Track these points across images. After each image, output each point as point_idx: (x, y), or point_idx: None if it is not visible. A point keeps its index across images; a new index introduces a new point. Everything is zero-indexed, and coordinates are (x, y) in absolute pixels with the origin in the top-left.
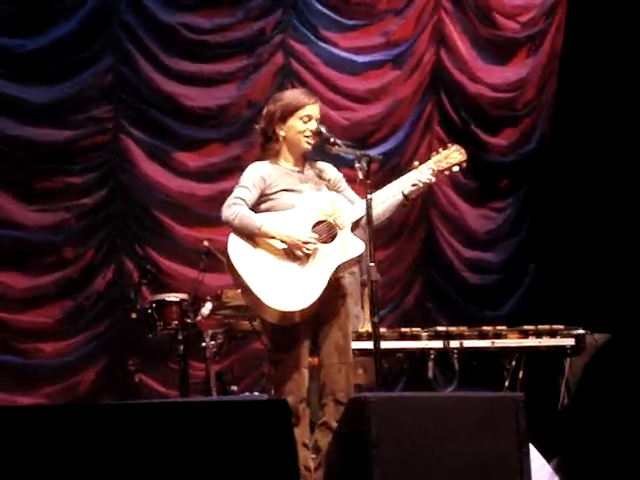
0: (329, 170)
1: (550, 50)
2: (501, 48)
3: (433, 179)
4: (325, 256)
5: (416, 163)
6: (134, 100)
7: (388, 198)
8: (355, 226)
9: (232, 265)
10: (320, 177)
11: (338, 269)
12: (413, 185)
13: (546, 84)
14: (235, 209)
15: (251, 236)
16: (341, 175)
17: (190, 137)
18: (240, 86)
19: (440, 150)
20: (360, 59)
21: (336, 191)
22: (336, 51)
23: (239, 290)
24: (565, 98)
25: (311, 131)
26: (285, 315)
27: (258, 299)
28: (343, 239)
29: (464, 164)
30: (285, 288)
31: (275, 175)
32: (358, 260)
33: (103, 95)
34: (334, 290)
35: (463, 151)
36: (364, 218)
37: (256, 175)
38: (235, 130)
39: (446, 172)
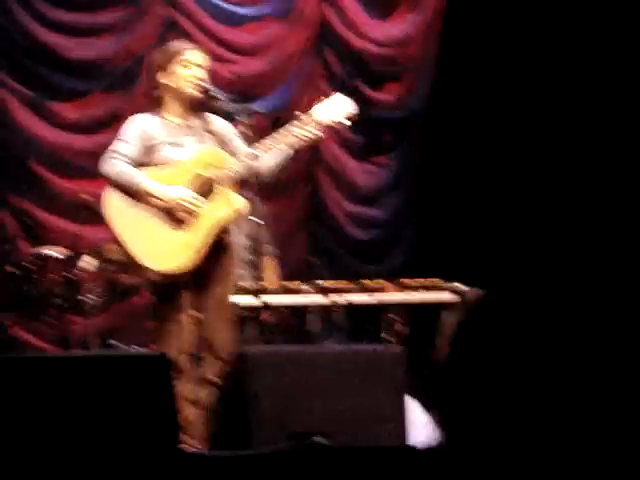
0: (216, 122)
1: (434, 6)
2: (384, 2)
3: (322, 135)
4: (205, 212)
5: (298, 113)
6: (10, 51)
7: (271, 150)
8: (238, 182)
9: (108, 221)
10: (208, 130)
11: (214, 226)
12: (298, 138)
13: (429, 41)
14: (112, 162)
15: (128, 192)
16: (230, 126)
17: (68, 89)
18: (121, 37)
19: (322, 99)
20: (243, 11)
21: (224, 143)
22: (219, 2)
23: (116, 245)
24: (448, 55)
25: (196, 77)
26: (164, 274)
27: (134, 258)
28: (220, 195)
29: (353, 116)
30: (163, 246)
31: (156, 128)
32: (234, 215)
33: None
34: (215, 246)
35: (351, 101)
36: (249, 174)
37: (136, 128)
38: (115, 82)
39: (336, 125)
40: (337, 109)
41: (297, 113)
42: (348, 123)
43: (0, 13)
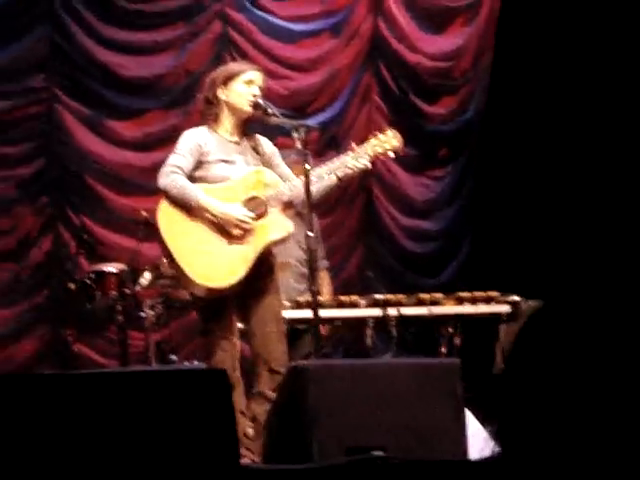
0: (265, 144)
1: (487, 19)
2: (438, 17)
3: (370, 165)
4: (254, 233)
5: (353, 145)
6: (69, 70)
7: (322, 178)
8: (287, 205)
9: (160, 236)
10: (255, 151)
11: (266, 247)
12: (348, 168)
13: (483, 53)
14: (173, 177)
15: (185, 207)
16: (277, 151)
17: (125, 106)
18: (177, 55)
19: (377, 134)
20: (297, 27)
21: (270, 166)
22: (273, 19)
23: (166, 260)
24: (502, 67)
25: (254, 95)
26: (211, 290)
27: (185, 273)
28: (273, 217)
29: (400, 151)
30: (213, 263)
31: (211, 143)
32: (286, 239)
33: (37, 65)
34: (262, 265)
35: (400, 137)
36: (297, 199)
37: (192, 142)
38: (172, 99)
39: (381, 157)
40: (388, 143)
41: (352, 145)
42: (393, 156)
43: (58, 32)
